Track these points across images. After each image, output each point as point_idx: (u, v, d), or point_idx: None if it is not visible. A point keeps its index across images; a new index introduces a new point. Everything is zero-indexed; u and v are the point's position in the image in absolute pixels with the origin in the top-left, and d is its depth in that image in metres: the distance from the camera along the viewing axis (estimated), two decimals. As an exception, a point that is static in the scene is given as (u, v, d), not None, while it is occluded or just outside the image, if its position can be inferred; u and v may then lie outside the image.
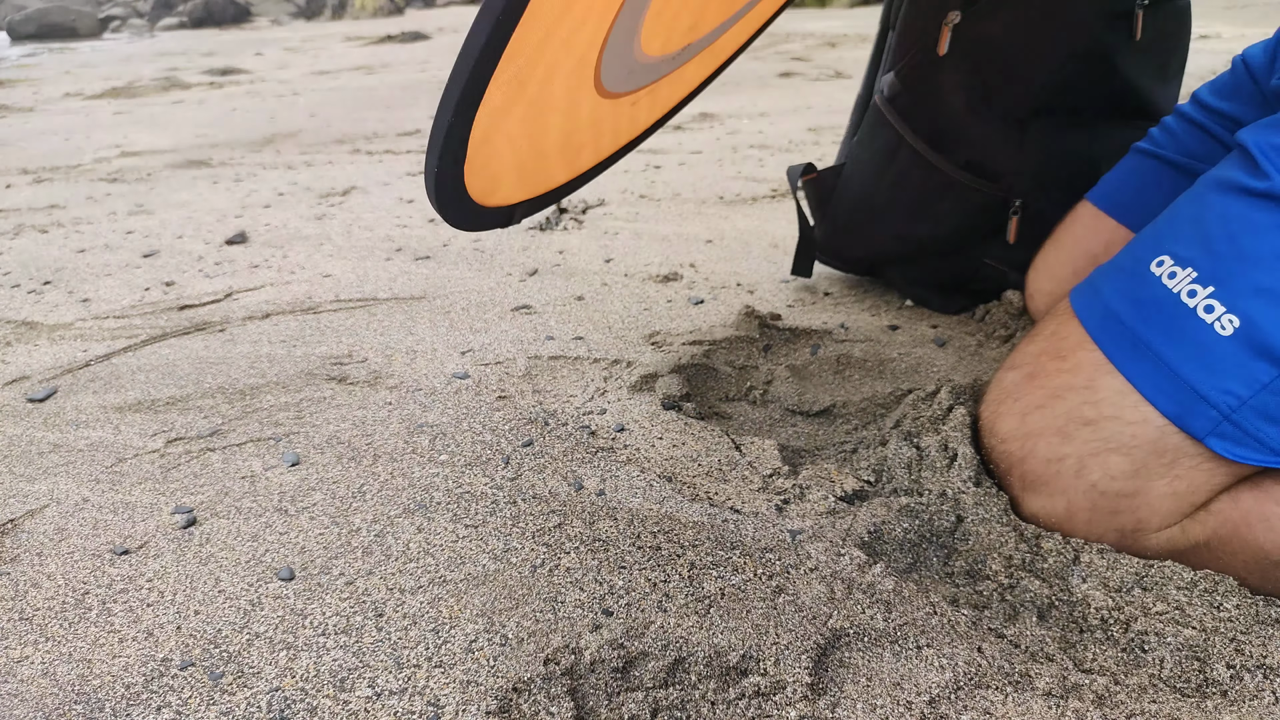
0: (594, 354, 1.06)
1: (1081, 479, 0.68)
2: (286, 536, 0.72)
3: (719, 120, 2.76)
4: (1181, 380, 0.63)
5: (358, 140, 2.70)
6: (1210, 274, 0.63)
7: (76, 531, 0.74)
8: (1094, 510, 0.68)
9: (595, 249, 1.50)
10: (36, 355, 1.13)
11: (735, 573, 0.66)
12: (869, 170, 1.15)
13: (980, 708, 0.55)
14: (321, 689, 0.57)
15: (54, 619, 0.64)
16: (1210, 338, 0.62)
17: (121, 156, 2.54)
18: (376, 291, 1.32)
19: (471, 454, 0.84)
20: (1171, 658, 0.58)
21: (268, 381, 1.01)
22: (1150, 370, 0.65)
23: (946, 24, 1.05)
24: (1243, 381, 0.61)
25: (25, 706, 0.56)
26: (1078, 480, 0.68)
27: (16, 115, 3.49)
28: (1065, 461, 0.68)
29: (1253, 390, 0.61)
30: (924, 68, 1.08)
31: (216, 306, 1.28)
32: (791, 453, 0.86)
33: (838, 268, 1.31)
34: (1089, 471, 0.67)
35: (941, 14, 1.06)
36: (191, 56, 5.85)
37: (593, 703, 0.56)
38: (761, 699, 0.56)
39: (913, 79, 1.10)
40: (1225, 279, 0.63)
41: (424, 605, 0.64)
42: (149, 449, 0.88)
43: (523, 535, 0.71)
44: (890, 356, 1.04)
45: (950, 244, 1.13)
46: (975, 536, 0.69)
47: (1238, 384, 0.61)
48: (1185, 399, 0.63)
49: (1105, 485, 0.67)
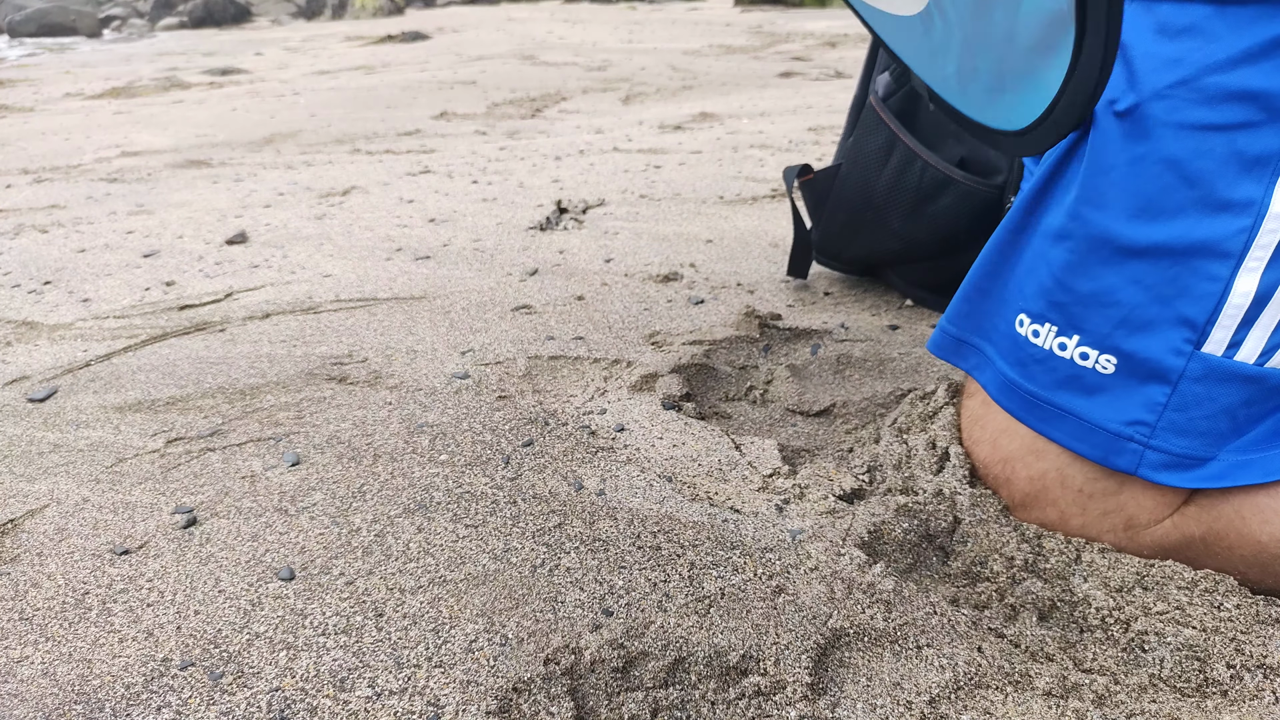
0: (594, 354, 1.06)
1: (1067, 488, 0.69)
2: (286, 536, 0.72)
3: (719, 120, 2.76)
4: (1092, 425, 0.65)
5: (358, 140, 2.70)
6: (1067, 324, 0.65)
7: (76, 531, 0.74)
8: (1085, 514, 0.68)
9: (595, 249, 1.50)
10: (36, 355, 1.13)
11: (735, 573, 0.66)
12: (865, 170, 1.16)
13: (980, 708, 0.55)
14: (321, 689, 0.57)
15: (54, 619, 0.64)
16: (1098, 379, 0.64)
17: (121, 156, 2.54)
18: (376, 291, 1.32)
19: (471, 454, 0.84)
20: (1171, 657, 0.58)
21: (268, 381, 1.01)
22: (1061, 422, 0.66)
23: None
24: (1145, 408, 0.62)
25: (25, 706, 0.56)
26: (1064, 490, 0.69)
27: (16, 115, 3.49)
28: (1047, 476, 0.69)
29: (1156, 413, 0.62)
30: None
31: (216, 306, 1.28)
32: (791, 453, 0.86)
33: (835, 268, 1.32)
34: (1071, 479, 0.68)
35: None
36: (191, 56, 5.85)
37: (593, 703, 0.56)
38: (761, 699, 0.56)
39: (906, 78, 1.12)
40: (1082, 325, 0.64)
41: (424, 605, 0.64)
42: (149, 449, 0.88)
43: (523, 535, 0.71)
44: (890, 356, 1.04)
45: (947, 242, 1.13)
46: (975, 538, 0.69)
47: (1142, 412, 0.62)
48: (1102, 441, 0.64)
49: (1090, 487, 0.68)
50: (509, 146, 2.52)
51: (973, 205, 1.10)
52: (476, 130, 2.82)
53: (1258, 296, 0.58)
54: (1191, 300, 0.60)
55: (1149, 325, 0.61)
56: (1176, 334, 0.60)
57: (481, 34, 6.11)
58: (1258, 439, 0.62)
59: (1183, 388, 0.61)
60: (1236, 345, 0.60)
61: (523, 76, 3.96)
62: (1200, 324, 0.60)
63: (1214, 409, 0.61)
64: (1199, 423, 0.61)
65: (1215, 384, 0.60)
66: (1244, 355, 0.60)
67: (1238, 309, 0.59)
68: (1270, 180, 0.57)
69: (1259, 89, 0.57)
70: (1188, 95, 0.59)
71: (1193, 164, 0.59)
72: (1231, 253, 0.58)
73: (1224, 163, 0.58)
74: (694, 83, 3.63)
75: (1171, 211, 0.60)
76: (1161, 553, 0.67)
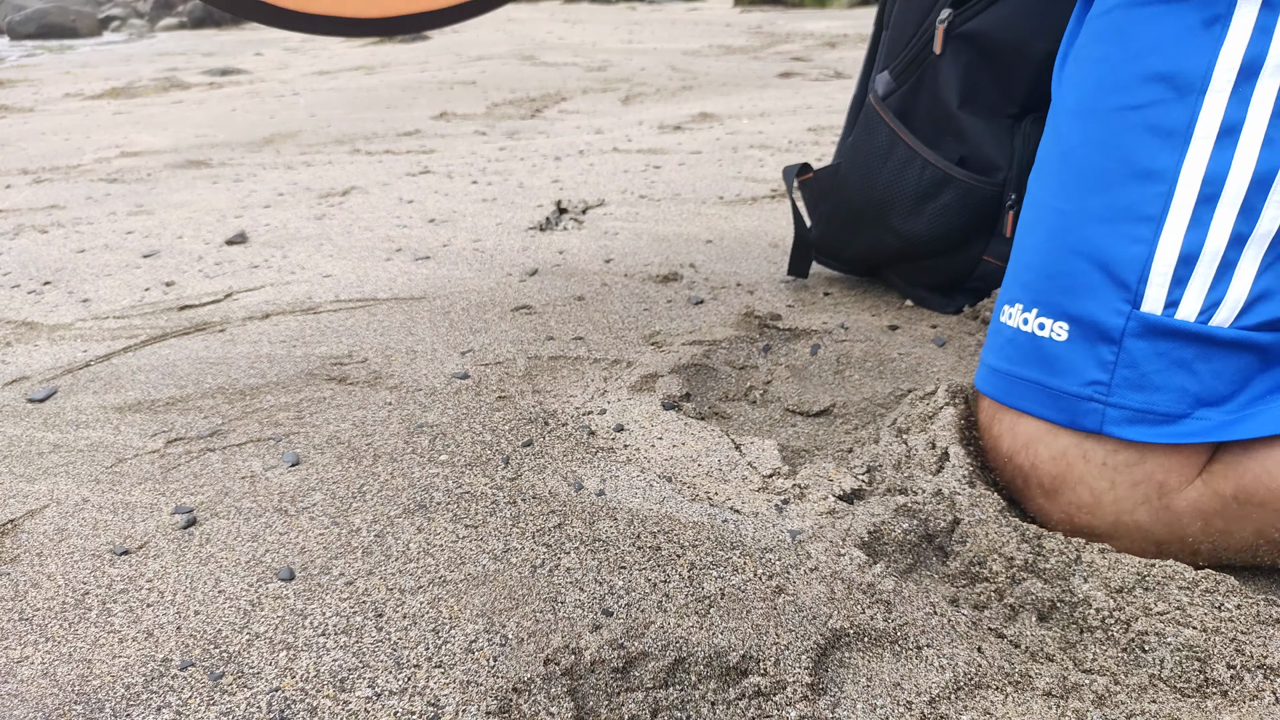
0: (594, 354, 1.06)
1: (1090, 461, 0.69)
2: (286, 536, 0.72)
3: (719, 120, 2.76)
4: (1056, 390, 0.69)
5: (358, 140, 2.70)
6: (1031, 299, 0.72)
7: (76, 531, 0.74)
8: (1115, 486, 0.69)
9: (595, 249, 1.50)
10: (36, 355, 1.13)
11: (735, 573, 0.66)
12: (865, 169, 1.16)
13: (980, 708, 0.55)
14: (321, 689, 0.57)
15: (54, 619, 0.64)
16: (1055, 348, 0.70)
17: (121, 156, 2.54)
18: (376, 291, 1.32)
19: (471, 454, 0.84)
20: (1172, 658, 0.58)
21: (268, 381, 1.01)
22: (1030, 393, 0.72)
23: (940, 23, 1.08)
24: (1098, 368, 0.67)
25: (25, 706, 0.56)
26: (1088, 465, 0.70)
27: (16, 115, 3.49)
28: (1068, 452, 0.70)
29: (1109, 371, 0.67)
30: (917, 66, 1.12)
31: (216, 306, 1.28)
32: (791, 453, 0.86)
33: (836, 268, 1.32)
34: (1092, 452, 0.69)
35: (933, 12, 1.10)
36: (191, 57, 5.85)
37: (593, 703, 0.56)
38: (761, 699, 0.56)
39: (906, 77, 1.13)
40: (1040, 298, 0.71)
41: (424, 605, 0.64)
42: (149, 449, 0.88)
43: (523, 535, 0.71)
44: (890, 356, 1.04)
45: (948, 240, 1.14)
46: (974, 537, 0.69)
47: (1096, 371, 0.67)
48: (1068, 404, 0.69)
49: (1113, 459, 0.69)
50: (509, 147, 2.52)
51: (973, 203, 1.10)
52: (476, 130, 2.82)
53: (1183, 256, 0.64)
54: (1123, 264, 0.66)
55: (1090, 290, 0.68)
56: (1115, 295, 0.66)
57: (481, 34, 6.11)
58: (1261, 393, 0.65)
59: (1127, 344, 0.66)
60: (1174, 304, 0.65)
61: (522, 77, 3.96)
62: (1133, 285, 0.66)
63: (1165, 364, 0.65)
64: (1153, 378, 0.66)
65: (1159, 340, 0.65)
66: (1184, 314, 0.65)
67: (1166, 268, 0.65)
68: (1181, 150, 0.64)
69: (1168, 71, 0.66)
70: (1111, 83, 0.69)
71: (1117, 139, 0.68)
72: (1152, 216, 0.65)
73: (1140, 135, 0.66)
74: (694, 83, 3.63)
75: (1100, 183, 0.68)
76: (1202, 519, 0.67)
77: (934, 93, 1.11)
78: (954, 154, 1.11)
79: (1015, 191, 1.09)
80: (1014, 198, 1.09)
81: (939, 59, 1.10)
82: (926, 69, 1.11)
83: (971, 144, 1.10)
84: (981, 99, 1.09)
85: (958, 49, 1.09)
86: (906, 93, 1.13)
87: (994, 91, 1.08)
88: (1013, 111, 1.09)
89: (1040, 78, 1.06)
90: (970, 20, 1.07)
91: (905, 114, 1.14)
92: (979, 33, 1.07)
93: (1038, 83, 1.07)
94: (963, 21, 1.07)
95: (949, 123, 1.11)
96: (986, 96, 1.09)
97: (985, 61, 1.08)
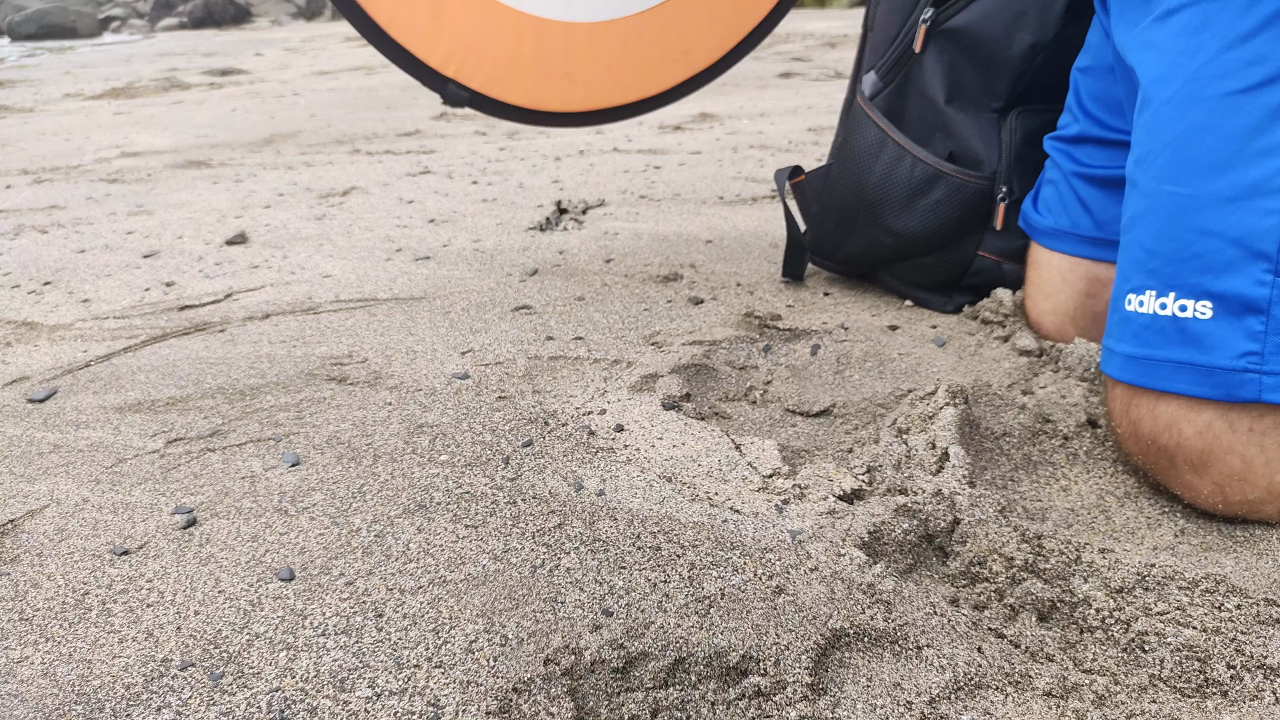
0: (594, 354, 1.06)
1: (1237, 430, 0.70)
2: (286, 537, 0.72)
3: (719, 120, 2.76)
4: (1208, 367, 0.70)
5: (358, 140, 2.70)
6: (1164, 284, 0.74)
7: (76, 532, 0.74)
8: (1266, 450, 0.70)
9: (595, 249, 1.50)
10: (36, 355, 1.13)
11: (735, 573, 0.66)
12: (856, 168, 1.18)
13: (980, 708, 0.55)
14: (321, 689, 0.57)
15: (54, 619, 0.64)
16: (1201, 326, 0.71)
17: (121, 157, 2.54)
18: (376, 292, 1.32)
19: (471, 454, 0.84)
20: (1171, 658, 0.58)
21: (268, 382, 1.01)
22: (1179, 374, 0.72)
23: (923, 22, 1.10)
24: (1249, 339, 0.69)
25: (25, 706, 0.56)
26: (1234, 434, 0.70)
27: (16, 115, 3.49)
28: (1212, 424, 0.71)
29: (1260, 341, 0.68)
30: (902, 64, 1.14)
31: (216, 307, 1.28)
32: (791, 453, 0.86)
33: (830, 269, 1.32)
34: (1239, 421, 0.70)
35: (916, 11, 1.12)
36: (191, 57, 5.85)
37: (593, 703, 0.56)
38: (762, 699, 0.56)
39: (892, 76, 1.16)
40: (1175, 281, 0.73)
41: (424, 605, 0.64)
42: (149, 449, 0.88)
43: (523, 535, 0.71)
44: (890, 356, 1.04)
45: (941, 236, 1.14)
46: (974, 538, 0.69)
47: (1248, 342, 0.69)
48: (1222, 379, 0.69)
49: (1259, 424, 0.69)
50: (509, 147, 2.52)
51: (964, 197, 1.11)
52: (476, 131, 2.82)
53: None
54: (1259, 236, 0.68)
55: (1229, 266, 0.70)
56: (1256, 267, 0.69)
57: (481, 34, 6.10)
58: None
59: (1274, 312, 0.68)
60: None
61: (522, 77, 3.95)
62: (1273, 254, 0.68)
63: None
64: None
65: None
66: None
67: None
68: None
69: (1268, 54, 0.70)
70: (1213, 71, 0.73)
71: (1229, 123, 0.71)
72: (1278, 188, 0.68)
73: (1256, 115, 0.70)
74: (694, 83, 3.62)
75: (1220, 165, 0.71)
76: None
77: (920, 90, 1.13)
78: (943, 150, 1.13)
79: (1005, 184, 1.10)
80: (1005, 191, 1.10)
81: (923, 56, 1.12)
82: (912, 67, 1.13)
83: (960, 139, 1.12)
84: (967, 94, 1.11)
85: (942, 46, 1.11)
86: (893, 91, 1.16)
87: (979, 86, 1.10)
88: (998, 106, 1.11)
89: (1024, 71, 1.08)
90: (953, 17, 1.09)
91: (893, 112, 1.16)
92: (962, 29, 1.09)
93: (1022, 76, 1.08)
94: (946, 19, 1.09)
95: (937, 119, 1.13)
96: (972, 92, 1.11)
97: (969, 57, 1.10)
